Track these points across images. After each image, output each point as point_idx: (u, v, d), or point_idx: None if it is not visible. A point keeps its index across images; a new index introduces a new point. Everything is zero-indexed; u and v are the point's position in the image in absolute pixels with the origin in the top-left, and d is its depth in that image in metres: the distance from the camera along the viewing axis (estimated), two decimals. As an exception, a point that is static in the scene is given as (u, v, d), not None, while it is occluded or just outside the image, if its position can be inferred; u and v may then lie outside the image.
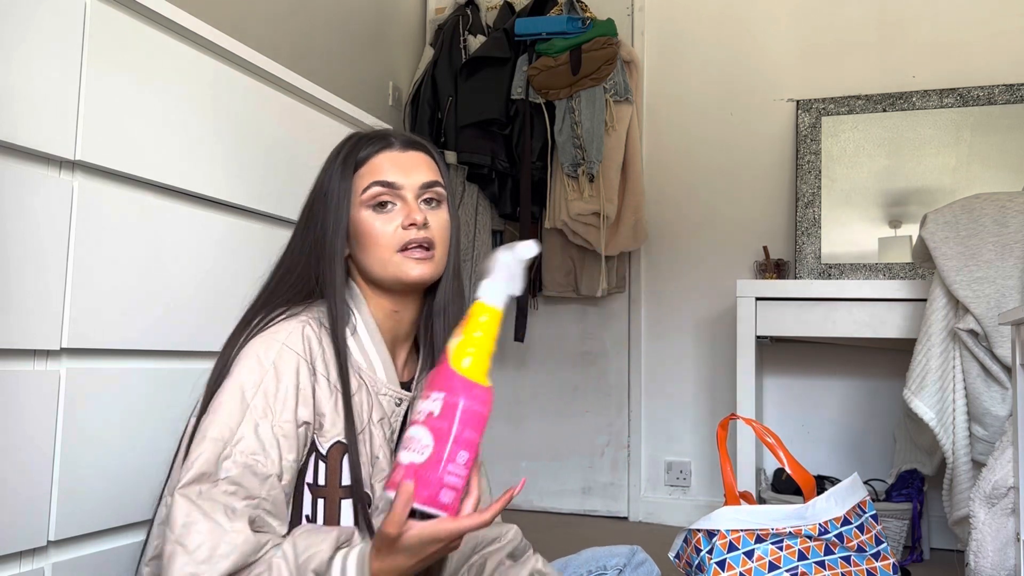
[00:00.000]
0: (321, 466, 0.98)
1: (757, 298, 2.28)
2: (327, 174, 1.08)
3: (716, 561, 1.19)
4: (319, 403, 0.98)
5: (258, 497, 0.90)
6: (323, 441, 0.98)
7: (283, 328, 0.98)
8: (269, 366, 0.95)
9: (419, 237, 1.03)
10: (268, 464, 0.91)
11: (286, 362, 0.96)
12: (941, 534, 2.43)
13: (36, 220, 0.97)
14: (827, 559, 1.16)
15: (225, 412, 0.92)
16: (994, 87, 2.55)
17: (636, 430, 2.90)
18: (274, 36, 2.30)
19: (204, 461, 0.89)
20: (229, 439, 0.90)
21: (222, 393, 0.94)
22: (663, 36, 3.00)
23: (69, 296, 1.01)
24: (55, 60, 1.00)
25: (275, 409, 0.93)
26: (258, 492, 0.90)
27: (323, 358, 0.99)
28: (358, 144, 1.08)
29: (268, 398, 0.94)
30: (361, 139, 1.09)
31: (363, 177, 1.05)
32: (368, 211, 1.04)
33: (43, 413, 0.99)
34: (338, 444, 0.98)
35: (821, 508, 1.21)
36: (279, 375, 0.95)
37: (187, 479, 0.88)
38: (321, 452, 0.98)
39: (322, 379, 0.99)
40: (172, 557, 0.84)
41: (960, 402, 1.89)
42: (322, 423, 0.98)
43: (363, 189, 1.04)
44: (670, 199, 2.94)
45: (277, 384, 0.94)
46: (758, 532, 1.20)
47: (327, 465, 0.98)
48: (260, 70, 1.37)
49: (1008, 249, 1.87)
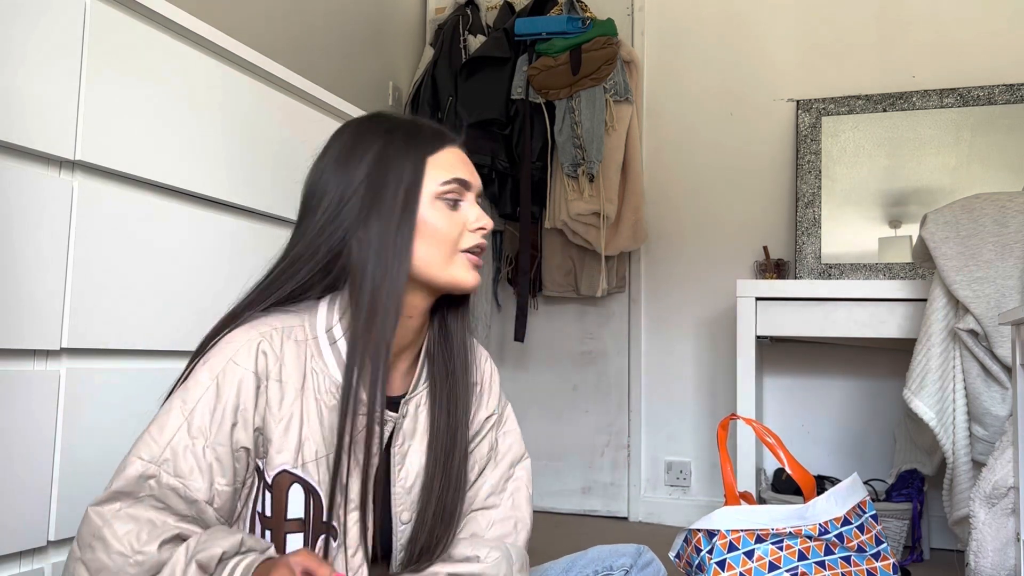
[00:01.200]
0: (267, 495, 0.90)
1: (757, 298, 2.28)
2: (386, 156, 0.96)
3: (716, 561, 1.19)
4: (266, 427, 0.90)
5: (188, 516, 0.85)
6: (269, 469, 0.90)
7: (237, 339, 0.91)
8: (211, 382, 0.88)
9: (483, 243, 0.99)
10: (195, 489, 0.85)
11: (229, 380, 0.88)
12: (941, 534, 2.42)
13: (36, 220, 0.97)
14: (827, 559, 1.16)
15: (157, 427, 0.86)
16: (994, 87, 2.55)
17: (636, 430, 2.90)
18: (274, 36, 2.30)
19: (125, 480, 0.83)
20: (155, 458, 0.84)
21: (169, 402, 0.89)
22: (663, 36, 3.00)
23: (69, 296, 1.01)
24: (55, 60, 1.00)
25: (211, 430, 0.86)
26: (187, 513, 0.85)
27: (279, 379, 0.91)
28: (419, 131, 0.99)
29: (205, 417, 0.87)
30: (418, 126, 1.00)
31: (437, 169, 0.97)
32: (441, 205, 0.97)
33: (43, 413, 0.99)
34: (284, 473, 0.90)
35: (821, 508, 1.21)
36: (220, 393, 0.88)
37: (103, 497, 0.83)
38: (267, 481, 0.90)
39: (273, 402, 0.90)
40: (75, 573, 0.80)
41: (960, 402, 1.89)
42: (267, 449, 0.90)
43: (442, 181, 0.97)
44: (670, 199, 2.94)
45: (216, 403, 0.87)
46: (758, 532, 1.20)
47: (272, 495, 0.90)
48: (260, 70, 1.37)
49: (1008, 249, 1.87)
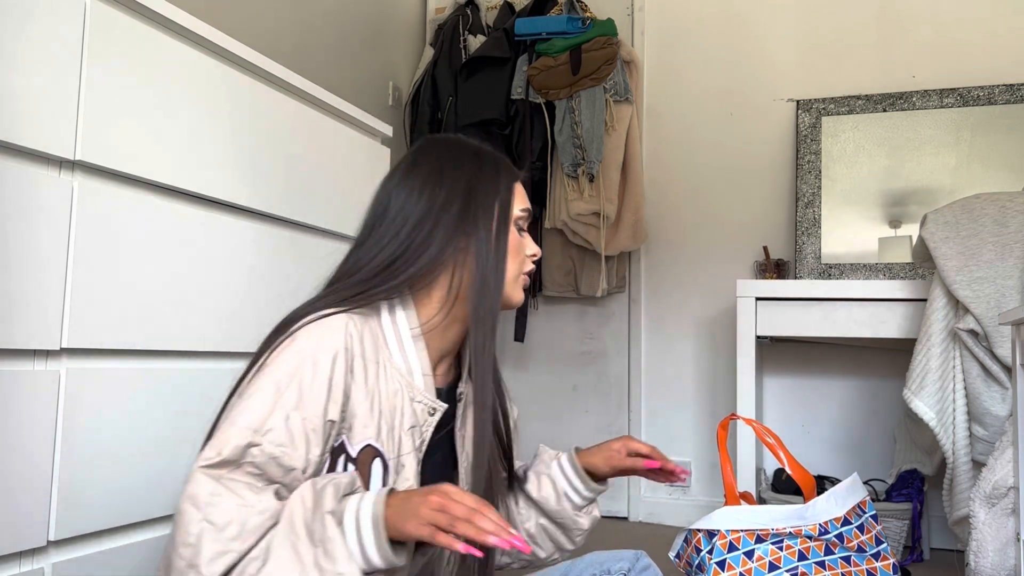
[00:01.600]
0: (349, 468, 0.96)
1: (757, 298, 2.28)
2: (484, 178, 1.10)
3: (716, 561, 1.19)
4: (352, 403, 0.97)
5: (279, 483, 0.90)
6: (353, 443, 0.97)
7: (328, 320, 0.97)
8: (307, 357, 0.94)
9: (533, 269, 1.15)
10: (295, 457, 0.90)
11: (324, 355, 0.95)
12: (941, 534, 2.42)
13: (36, 220, 0.97)
14: (827, 559, 1.16)
15: (258, 400, 0.91)
16: (994, 87, 2.55)
17: (636, 430, 2.90)
18: (274, 36, 2.30)
19: (232, 448, 0.88)
20: (259, 428, 0.89)
21: (259, 379, 0.93)
22: (663, 36, 3.00)
23: (69, 296, 1.01)
24: (55, 60, 1.00)
25: (306, 404, 0.92)
26: (280, 479, 0.90)
27: (363, 357, 0.99)
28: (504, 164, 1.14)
29: (302, 390, 0.92)
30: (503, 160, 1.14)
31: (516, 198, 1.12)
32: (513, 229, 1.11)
33: (43, 413, 0.99)
34: (369, 448, 0.97)
35: (821, 508, 1.21)
36: (316, 370, 0.94)
37: (212, 461, 0.87)
38: (350, 454, 0.97)
39: (359, 379, 0.98)
40: (201, 535, 0.83)
41: (960, 402, 1.89)
42: (352, 424, 0.97)
43: (521, 208, 1.12)
44: (670, 199, 2.94)
45: (313, 377, 0.93)
46: (758, 532, 1.20)
47: (356, 468, 0.96)
48: (260, 70, 1.37)
49: (1008, 249, 1.87)
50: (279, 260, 1.41)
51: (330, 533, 0.84)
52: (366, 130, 1.69)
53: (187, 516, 0.84)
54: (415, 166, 1.10)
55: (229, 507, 0.84)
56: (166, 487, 1.16)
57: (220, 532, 0.83)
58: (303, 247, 1.47)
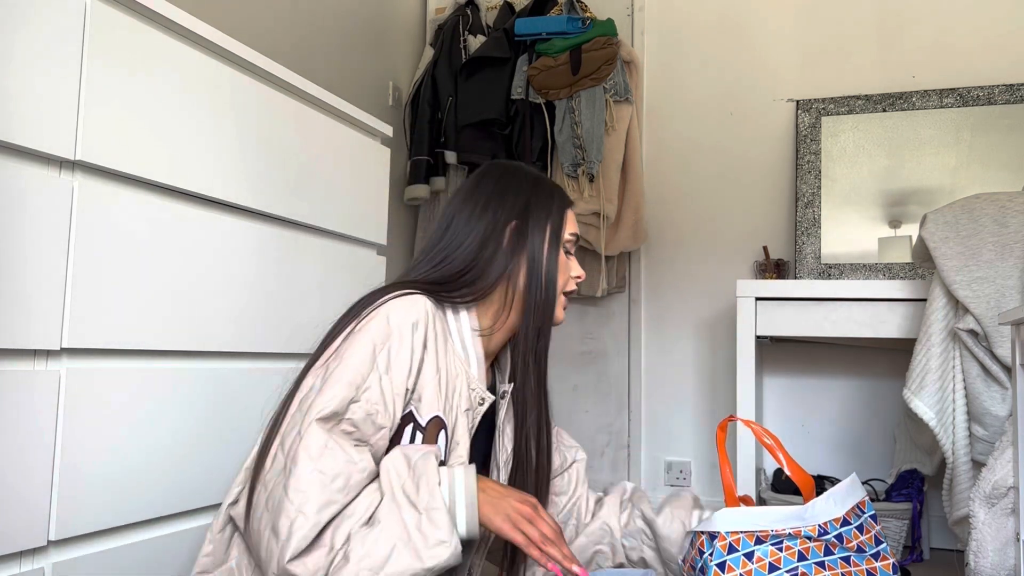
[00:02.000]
0: (418, 436, 1.05)
1: (757, 298, 2.27)
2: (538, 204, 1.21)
3: (716, 563, 1.19)
4: (424, 375, 1.05)
5: (368, 443, 0.99)
6: (422, 413, 1.05)
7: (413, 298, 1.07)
8: (395, 328, 1.03)
9: (575, 291, 1.26)
10: (384, 417, 1.00)
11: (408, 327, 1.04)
12: (941, 534, 2.42)
13: (36, 220, 0.97)
14: (827, 559, 1.16)
15: (357, 360, 1.00)
16: (994, 87, 2.55)
17: (636, 430, 2.90)
18: (274, 36, 2.30)
19: (340, 401, 0.97)
20: (360, 385, 0.99)
21: (354, 344, 1.02)
22: (663, 36, 3.00)
23: (69, 296, 1.01)
24: (55, 60, 1.00)
25: (393, 369, 1.02)
26: (370, 439, 0.99)
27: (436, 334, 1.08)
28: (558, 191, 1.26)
29: (391, 357, 1.02)
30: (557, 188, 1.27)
31: (567, 222, 1.24)
32: (562, 251, 1.22)
33: (43, 413, 0.99)
34: (437, 419, 1.06)
35: (820, 509, 1.21)
36: (402, 339, 1.03)
37: (324, 413, 0.96)
38: (420, 423, 1.05)
39: (431, 352, 1.07)
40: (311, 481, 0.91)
41: (960, 402, 1.89)
42: (422, 396, 1.05)
43: (570, 232, 1.24)
44: (670, 199, 2.94)
45: (399, 346, 1.03)
46: (757, 534, 1.20)
47: (424, 437, 1.05)
48: (260, 70, 1.37)
49: (1008, 249, 1.87)
50: (279, 260, 1.41)
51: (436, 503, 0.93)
52: (366, 130, 1.69)
53: (301, 465, 0.92)
54: (478, 188, 1.22)
55: (338, 460, 0.93)
56: (166, 487, 1.16)
57: (330, 483, 0.91)
58: (303, 247, 1.47)
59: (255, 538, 0.94)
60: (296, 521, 0.89)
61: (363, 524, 0.92)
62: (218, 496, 1.25)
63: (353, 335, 1.03)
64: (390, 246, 2.85)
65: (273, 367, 1.37)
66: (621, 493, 1.38)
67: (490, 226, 1.17)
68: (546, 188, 1.23)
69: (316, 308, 1.49)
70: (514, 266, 1.17)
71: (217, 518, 1.07)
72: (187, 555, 1.18)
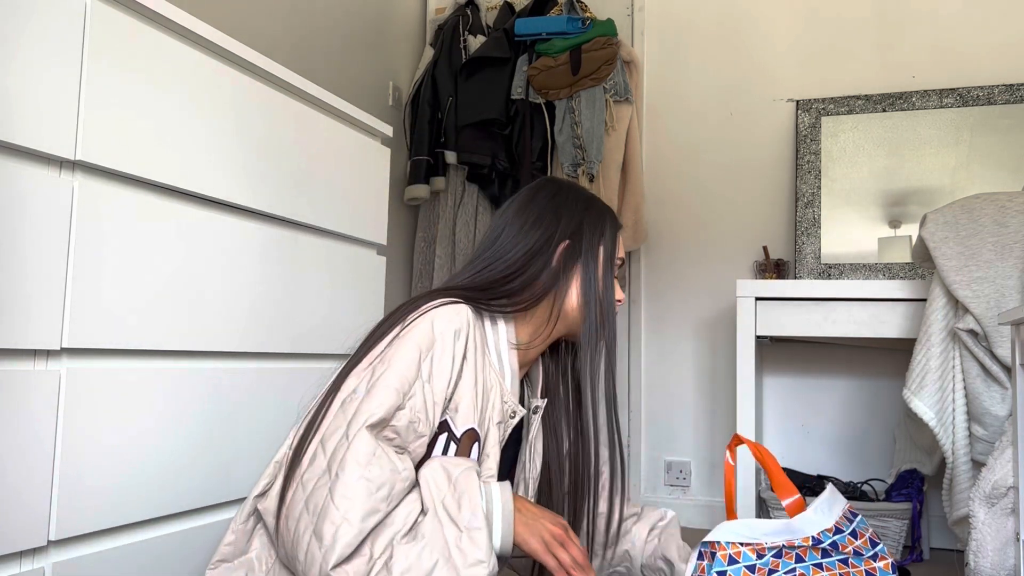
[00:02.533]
0: (452, 447, 1.04)
1: (757, 298, 2.27)
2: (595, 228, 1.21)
3: (717, 571, 1.19)
4: (462, 386, 1.06)
5: (407, 451, 0.99)
6: (457, 424, 1.05)
7: (457, 307, 1.07)
8: (439, 336, 1.03)
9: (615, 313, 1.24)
10: (425, 426, 1.00)
11: (450, 336, 1.04)
12: (941, 534, 2.43)
13: (36, 220, 0.98)
14: (824, 561, 1.16)
15: (404, 366, 1.00)
16: (994, 87, 2.55)
17: (636, 430, 2.90)
18: (274, 36, 2.30)
19: (388, 408, 0.97)
20: (407, 392, 0.99)
21: (399, 348, 1.01)
22: (663, 36, 3.00)
23: (69, 296, 1.01)
24: (55, 60, 1.00)
25: (435, 378, 1.02)
26: (409, 446, 1.00)
27: (475, 344, 1.08)
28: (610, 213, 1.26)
29: (433, 365, 1.02)
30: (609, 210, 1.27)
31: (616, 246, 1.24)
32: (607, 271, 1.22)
33: (43, 413, 0.99)
34: (471, 431, 1.05)
35: (809, 521, 1.21)
36: (444, 347, 1.03)
37: (373, 420, 0.96)
38: (455, 434, 1.04)
39: (471, 362, 1.07)
40: (358, 488, 0.91)
41: (960, 402, 1.89)
42: (458, 406, 1.05)
43: (620, 256, 1.25)
44: (670, 199, 2.94)
45: (442, 354, 1.03)
46: (756, 547, 1.20)
47: (458, 449, 1.05)
48: (260, 70, 1.37)
49: (1008, 249, 1.87)
50: (278, 259, 1.41)
51: (477, 523, 0.94)
52: (366, 130, 1.69)
53: (349, 471, 0.92)
54: (532, 201, 1.21)
55: (385, 469, 0.93)
56: (166, 487, 1.16)
57: (375, 491, 0.92)
58: (303, 247, 1.47)
59: (291, 537, 0.94)
60: (341, 528, 0.90)
61: (404, 535, 0.93)
62: (219, 496, 1.25)
63: (398, 340, 1.03)
64: (390, 246, 2.85)
65: (273, 367, 1.38)
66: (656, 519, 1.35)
67: (540, 241, 1.18)
68: (599, 209, 1.24)
69: (315, 308, 1.49)
70: (563, 284, 1.18)
71: (242, 509, 1.07)
72: (187, 555, 1.19)
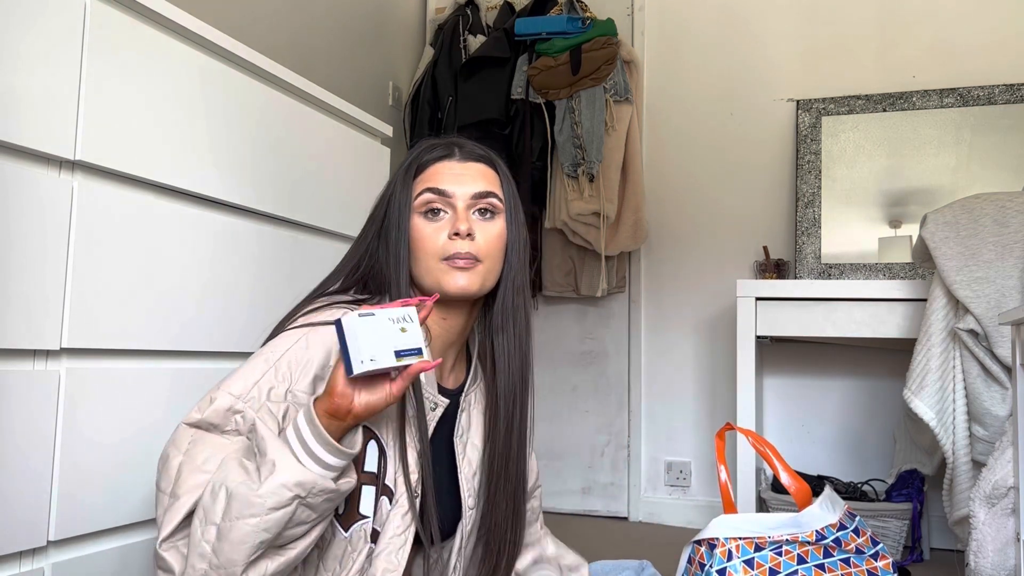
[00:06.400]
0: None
1: (757, 298, 2.27)
2: (394, 179, 1.08)
3: (717, 569, 1.18)
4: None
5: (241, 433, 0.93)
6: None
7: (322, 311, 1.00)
8: (300, 337, 0.96)
9: (463, 249, 1.01)
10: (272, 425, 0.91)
11: (317, 338, 0.96)
12: (941, 534, 2.42)
13: (36, 220, 0.97)
14: (826, 561, 1.16)
15: (248, 369, 0.94)
16: (994, 87, 2.55)
17: (636, 430, 2.90)
18: (274, 36, 2.30)
19: (215, 412, 0.91)
20: (244, 394, 0.91)
21: (252, 359, 0.96)
22: (663, 36, 3.00)
23: (69, 296, 1.01)
24: (55, 60, 1.00)
25: (295, 376, 0.94)
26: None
27: None
28: (423, 151, 1.08)
29: (291, 365, 0.94)
30: (427, 147, 1.09)
31: (420, 183, 1.05)
32: (419, 217, 1.04)
33: (43, 413, 0.99)
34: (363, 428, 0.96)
35: (815, 515, 1.21)
36: (309, 346, 0.96)
37: (195, 420, 0.91)
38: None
39: None
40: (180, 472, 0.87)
41: (960, 402, 1.89)
42: None
43: (417, 195, 1.04)
44: (670, 199, 2.94)
45: (303, 353, 0.95)
46: (756, 540, 1.19)
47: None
48: (260, 70, 1.37)
49: (1008, 249, 1.87)
50: (279, 260, 1.41)
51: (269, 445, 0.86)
52: (366, 130, 1.69)
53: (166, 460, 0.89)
54: None
55: (206, 449, 0.88)
56: (166, 487, 1.16)
57: (200, 466, 0.87)
58: (303, 247, 1.47)
59: None
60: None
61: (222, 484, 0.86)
62: (218, 496, 1.25)
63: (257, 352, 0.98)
64: (390, 246, 2.86)
65: (273, 367, 1.38)
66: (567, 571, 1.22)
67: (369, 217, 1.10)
68: (406, 159, 1.09)
69: (316, 308, 1.48)
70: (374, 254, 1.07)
71: None
72: (187, 555, 1.18)
